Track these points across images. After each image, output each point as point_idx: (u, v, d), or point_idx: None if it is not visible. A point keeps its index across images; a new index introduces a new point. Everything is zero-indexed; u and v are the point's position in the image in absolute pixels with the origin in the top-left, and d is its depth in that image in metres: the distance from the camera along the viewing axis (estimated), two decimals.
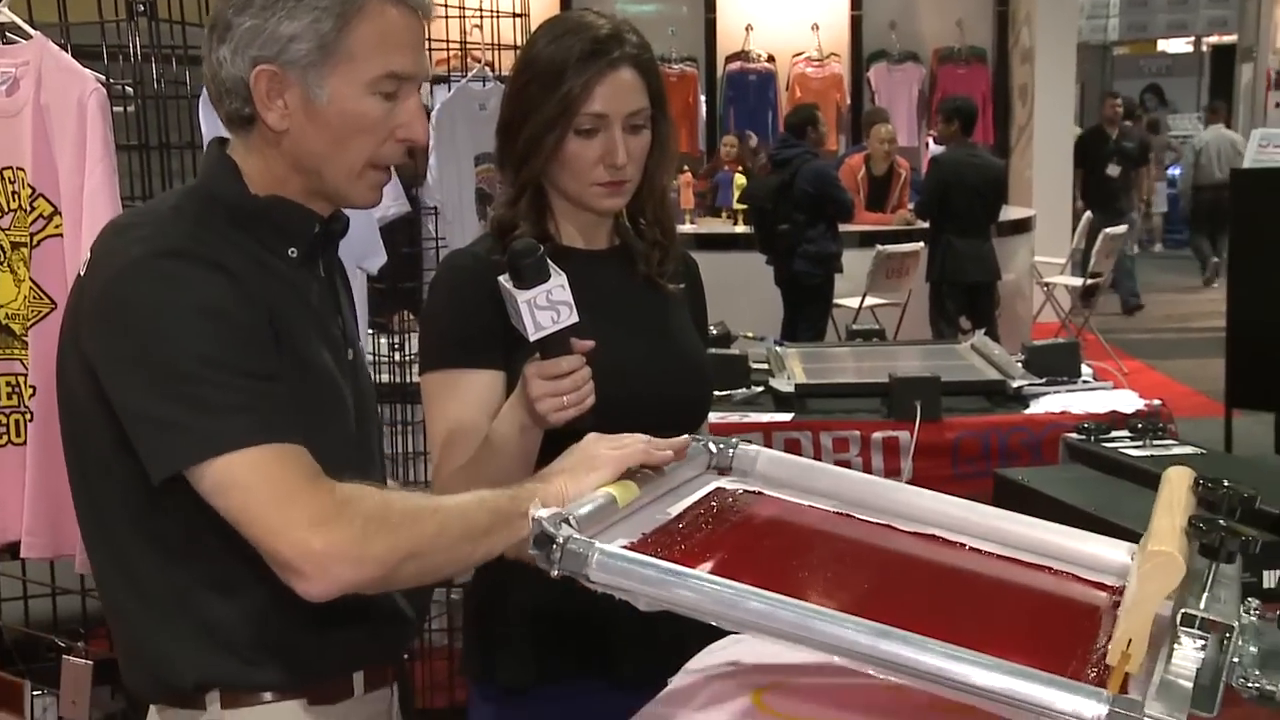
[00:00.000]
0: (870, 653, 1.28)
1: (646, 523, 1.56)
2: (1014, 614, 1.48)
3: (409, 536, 1.43)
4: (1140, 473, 2.54)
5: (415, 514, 1.44)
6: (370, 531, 1.40)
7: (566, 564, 1.38)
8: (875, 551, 1.61)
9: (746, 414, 3.94)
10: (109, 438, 1.46)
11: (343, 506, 1.41)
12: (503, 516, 1.48)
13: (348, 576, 1.40)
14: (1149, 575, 1.30)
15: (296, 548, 1.38)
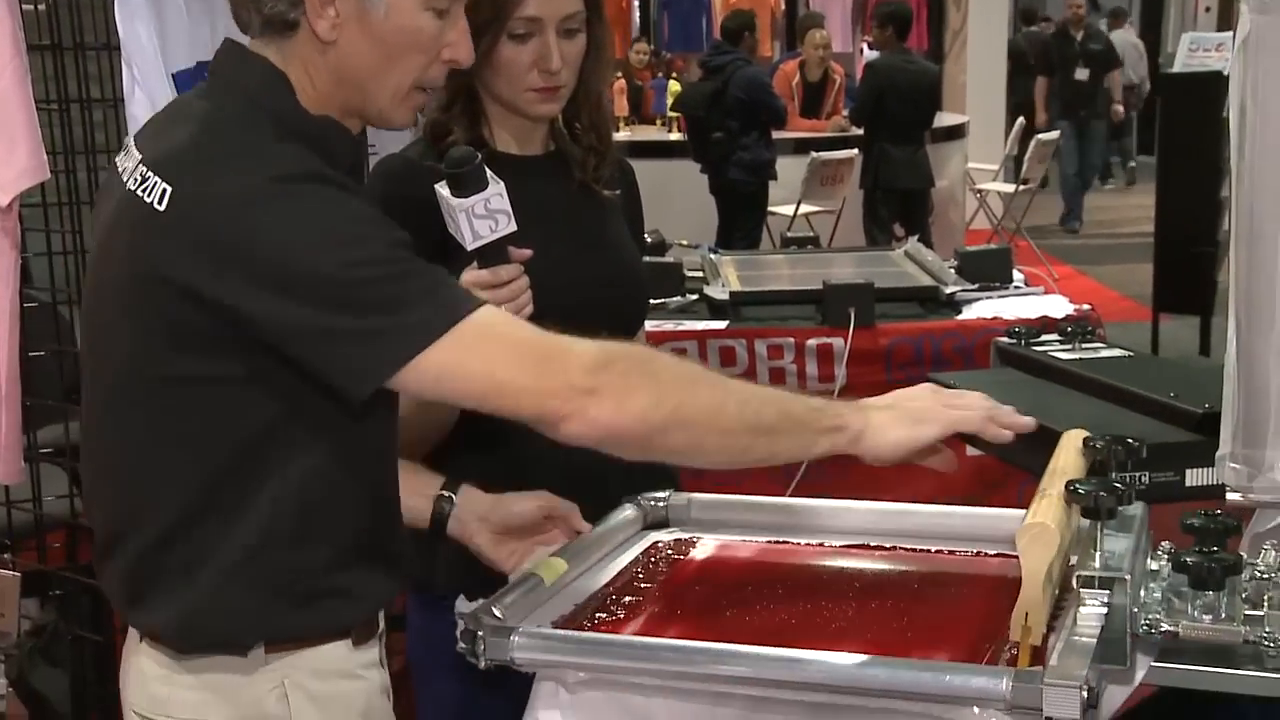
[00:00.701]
0: (783, 678, 1.33)
1: (579, 594, 1.59)
2: (942, 607, 1.52)
3: (679, 394, 1.38)
4: (1069, 375, 2.59)
5: (689, 377, 1.39)
6: (635, 380, 1.37)
7: (491, 654, 1.41)
8: (807, 573, 1.65)
9: (681, 322, 3.95)
10: (212, 379, 1.40)
11: (605, 351, 1.38)
12: (793, 420, 1.42)
13: (607, 420, 1.36)
14: (1028, 549, 1.34)
15: (562, 390, 1.35)
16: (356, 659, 1.53)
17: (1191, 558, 1.40)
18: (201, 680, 1.48)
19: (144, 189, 1.42)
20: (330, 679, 1.50)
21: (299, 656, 1.49)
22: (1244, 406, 1.70)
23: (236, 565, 1.45)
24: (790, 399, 1.43)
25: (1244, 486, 1.69)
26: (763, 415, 1.40)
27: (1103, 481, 1.46)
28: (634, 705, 1.42)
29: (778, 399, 1.42)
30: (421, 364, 1.37)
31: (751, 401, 1.40)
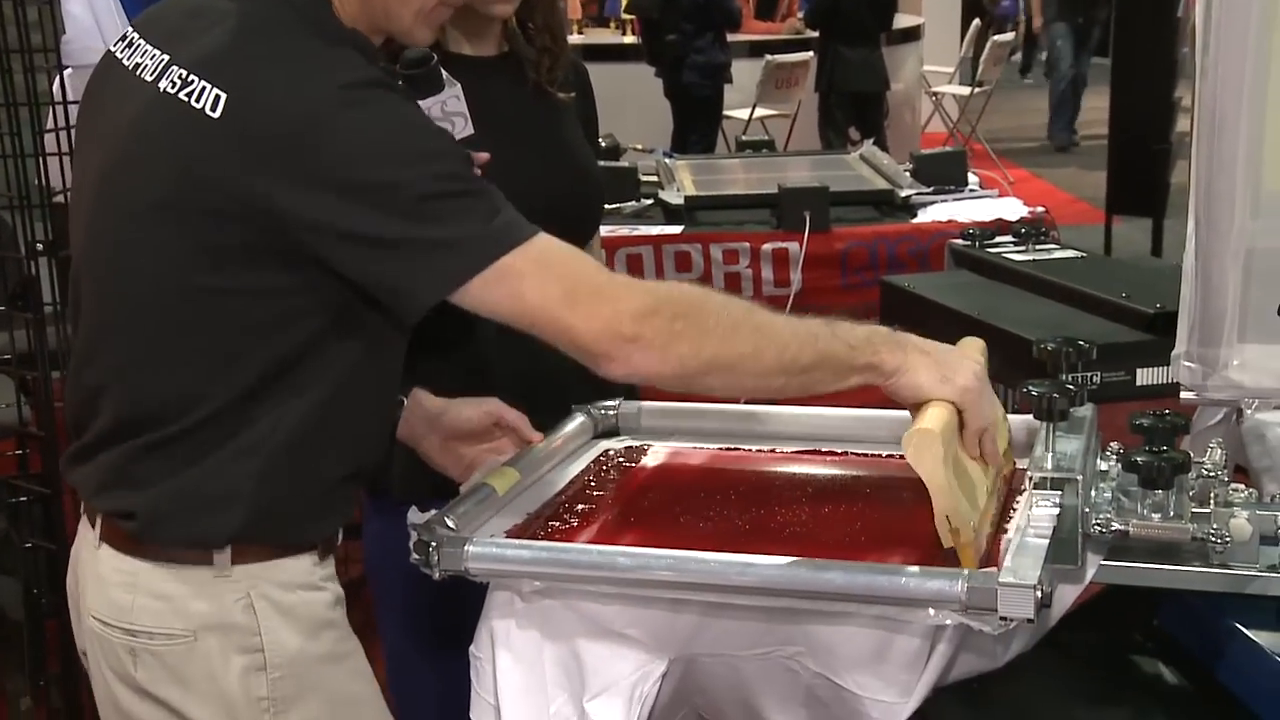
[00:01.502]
0: (740, 583, 1.34)
1: (532, 503, 1.58)
2: (895, 511, 1.52)
3: (719, 347, 1.39)
4: (1022, 277, 2.60)
5: (733, 326, 1.40)
6: (679, 330, 1.37)
7: (445, 565, 1.41)
8: (760, 479, 1.65)
9: (636, 227, 3.93)
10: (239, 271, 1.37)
11: (649, 296, 1.39)
12: (830, 361, 1.43)
13: (648, 367, 1.39)
14: (917, 458, 1.36)
15: (606, 333, 1.36)
16: (320, 571, 1.53)
17: (1141, 457, 1.42)
18: (166, 589, 1.47)
19: (188, 93, 1.37)
20: (295, 590, 1.50)
21: (266, 568, 1.48)
22: (1201, 306, 1.70)
23: (234, 466, 1.44)
24: (830, 338, 1.43)
25: (1198, 385, 1.70)
26: (800, 358, 1.42)
27: (1054, 384, 1.47)
28: (590, 614, 1.43)
29: (817, 340, 1.43)
30: (480, 282, 1.37)
31: (791, 346, 1.42)
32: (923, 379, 1.44)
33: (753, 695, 1.47)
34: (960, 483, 1.40)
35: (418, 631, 2.02)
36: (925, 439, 1.36)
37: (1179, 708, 1.44)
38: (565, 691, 1.45)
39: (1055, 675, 1.48)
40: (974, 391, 1.44)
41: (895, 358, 1.44)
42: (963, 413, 1.44)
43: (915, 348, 1.46)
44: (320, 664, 1.50)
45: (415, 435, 1.76)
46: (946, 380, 1.44)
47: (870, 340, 1.44)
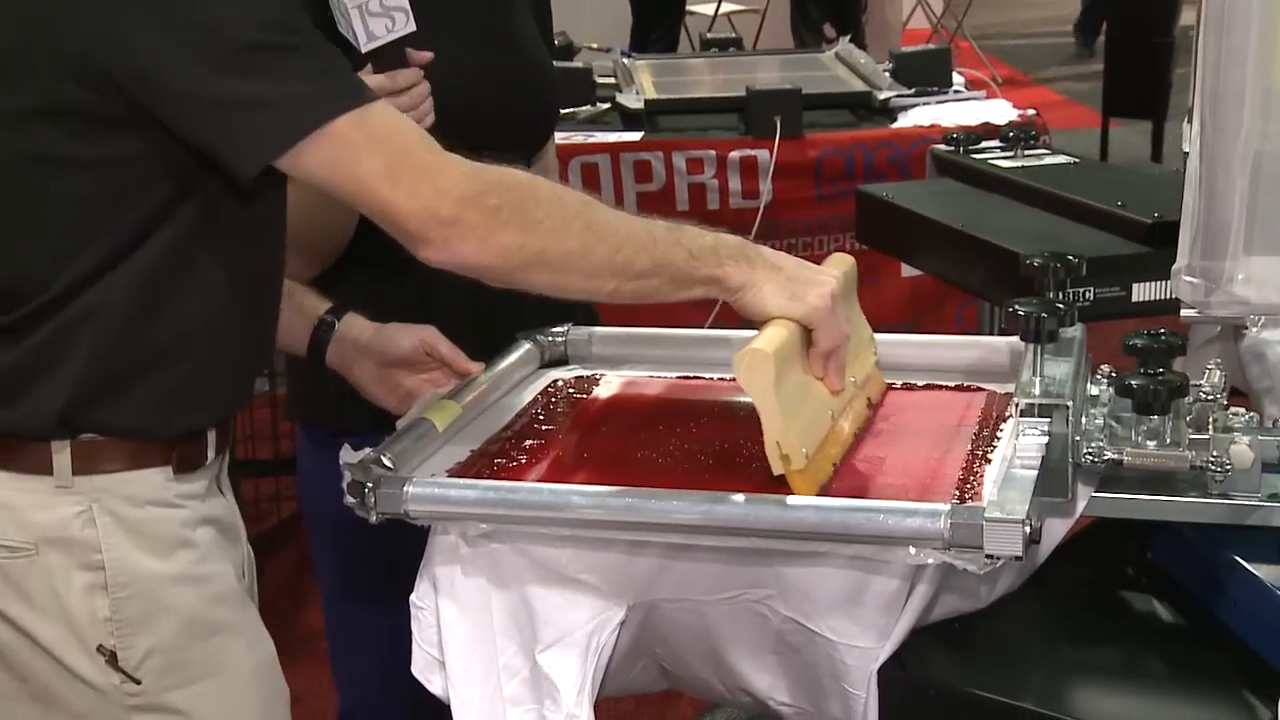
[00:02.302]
0: (704, 522, 1.34)
1: (475, 438, 1.57)
2: (867, 444, 1.52)
3: (546, 241, 1.40)
4: (1009, 185, 2.60)
5: (563, 220, 1.41)
6: (505, 218, 1.38)
7: (383, 507, 1.41)
8: (722, 410, 1.64)
9: (592, 134, 3.90)
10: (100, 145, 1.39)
11: (476, 179, 1.40)
12: (667, 269, 1.44)
13: (466, 255, 1.40)
14: (747, 379, 1.37)
15: (425, 213, 1.37)
16: (177, 488, 1.51)
17: (1135, 380, 1.42)
18: (7, 497, 1.47)
19: None
20: (144, 506, 1.49)
21: (111, 480, 1.48)
22: (1204, 215, 1.69)
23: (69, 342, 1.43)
24: (671, 245, 1.44)
25: (1200, 302, 1.70)
26: (634, 262, 1.43)
27: (1042, 302, 1.47)
28: (541, 558, 1.43)
29: (655, 245, 1.44)
30: (311, 147, 1.37)
31: (625, 248, 1.43)
32: (769, 296, 1.45)
33: (718, 643, 1.47)
34: (802, 406, 1.41)
35: (355, 578, 2.02)
36: (756, 360, 1.36)
37: (1174, 646, 1.45)
38: (515, 643, 1.45)
39: (1043, 614, 1.50)
40: (823, 310, 1.46)
41: (741, 272, 1.45)
42: (812, 333, 1.46)
43: (765, 262, 1.47)
44: (173, 586, 1.50)
45: (346, 361, 1.75)
46: (795, 298, 1.45)
47: (716, 251, 1.46)
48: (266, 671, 1.58)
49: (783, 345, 1.40)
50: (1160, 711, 1.37)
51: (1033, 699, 1.35)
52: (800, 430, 1.39)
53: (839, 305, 1.48)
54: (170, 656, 1.50)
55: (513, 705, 1.45)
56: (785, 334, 1.42)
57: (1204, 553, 1.44)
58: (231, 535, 1.60)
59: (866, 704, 1.39)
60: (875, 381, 1.64)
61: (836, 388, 1.50)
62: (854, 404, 1.56)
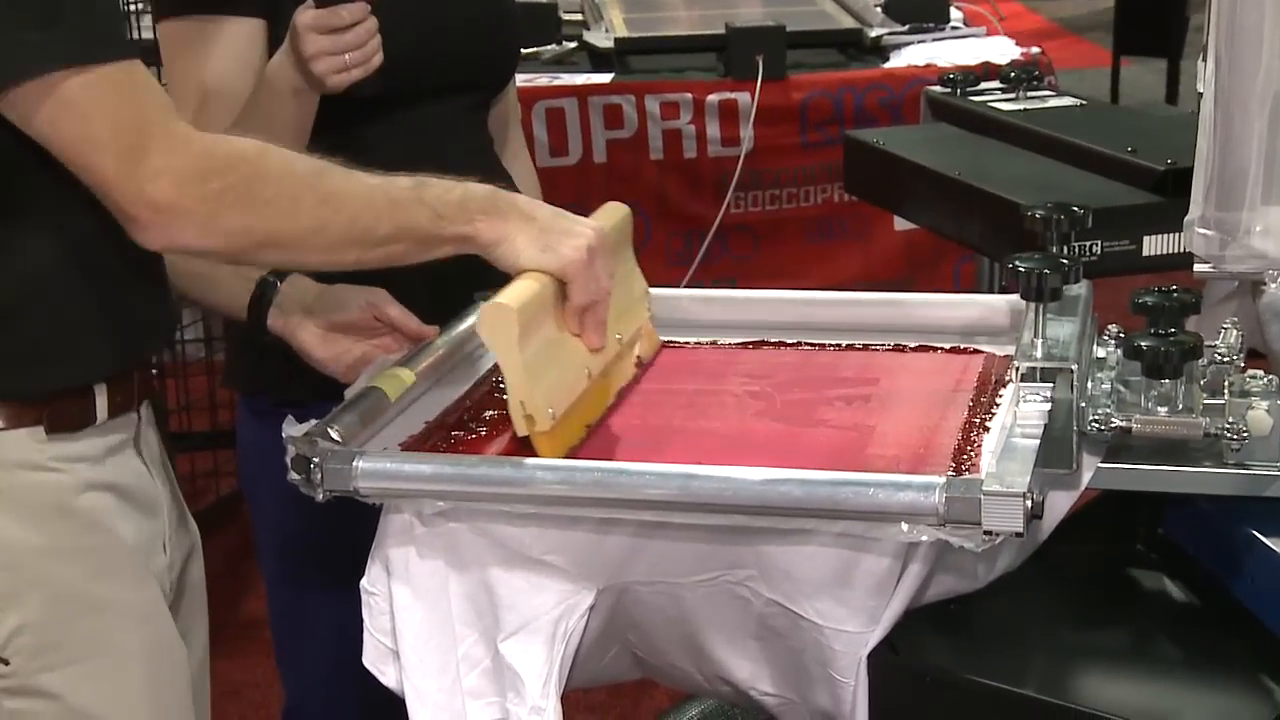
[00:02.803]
0: (681, 498, 1.34)
1: (430, 409, 1.57)
2: (857, 413, 1.53)
3: (276, 221, 1.42)
4: (1010, 129, 2.59)
5: (293, 197, 1.43)
6: (229, 201, 1.39)
7: (330, 484, 1.41)
8: (699, 377, 1.65)
9: (557, 75, 3.89)
10: None
11: (204, 158, 1.40)
12: (412, 233, 1.47)
13: (186, 240, 1.41)
14: (491, 336, 1.39)
15: (138, 193, 1.37)
16: (51, 450, 1.51)
17: (1145, 342, 1.43)
18: None
19: None
20: (13, 470, 1.48)
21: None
22: (1219, 161, 1.70)
23: None
24: (413, 206, 1.47)
25: (1215, 255, 1.71)
26: (375, 230, 1.46)
27: (1045, 256, 1.47)
28: (503, 538, 1.43)
29: (396, 209, 1.47)
30: (20, 96, 1.37)
31: (362, 216, 1.46)
32: (521, 249, 1.48)
33: (696, 629, 1.48)
34: (551, 364, 1.44)
35: (300, 561, 2.02)
36: (498, 315, 1.38)
37: (1187, 628, 1.46)
38: (475, 630, 1.46)
39: (1046, 595, 1.51)
40: (578, 264, 1.48)
41: (493, 227, 1.48)
42: (567, 287, 1.48)
43: (519, 213, 1.50)
44: (46, 558, 1.49)
45: (289, 325, 1.75)
46: (548, 249, 1.48)
47: (464, 206, 1.48)
48: (160, 654, 1.57)
49: (530, 300, 1.42)
50: (1172, 699, 1.38)
51: (1035, 686, 1.36)
52: (547, 390, 1.42)
53: (597, 258, 1.49)
54: (42, 635, 1.49)
55: (473, 698, 1.46)
56: (536, 287, 1.44)
57: (1220, 527, 1.45)
58: (144, 505, 1.59)
59: (856, 693, 1.40)
60: (648, 339, 1.68)
61: (595, 345, 1.53)
62: (620, 362, 1.59)
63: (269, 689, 2.73)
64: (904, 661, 1.40)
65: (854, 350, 1.69)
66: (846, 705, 1.41)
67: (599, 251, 1.50)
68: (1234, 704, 1.34)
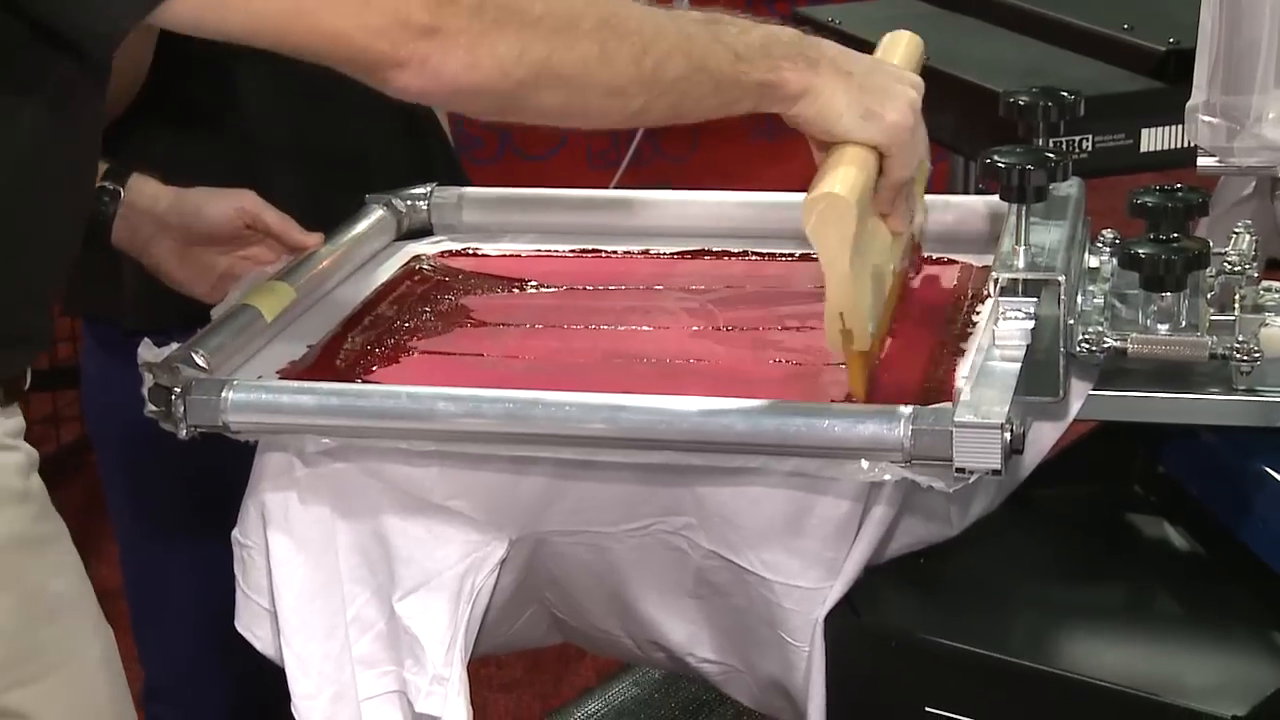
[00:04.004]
0: (606, 432, 1.34)
1: (314, 329, 1.57)
2: (808, 334, 1.54)
3: (553, 44, 1.36)
4: (989, 4, 2.60)
5: (570, 16, 1.36)
6: (495, 19, 1.33)
7: (195, 418, 1.40)
8: (619, 298, 1.65)
9: None
10: None
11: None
12: (709, 73, 1.40)
13: (454, 74, 1.34)
14: (820, 232, 1.35)
15: (388, 24, 1.32)
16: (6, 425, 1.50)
17: (1144, 249, 1.44)
18: None
19: None
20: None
21: None
22: (1226, 39, 1.70)
23: None
24: (711, 44, 1.41)
25: (1221, 147, 1.71)
26: (667, 68, 1.39)
27: (1028, 151, 1.48)
28: (400, 480, 1.44)
29: (692, 44, 1.40)
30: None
31: (654, 48, 1.39)
32: (839, 111, 1.44)
33: (623, 585, 1.50)
34: (867, 265, 1.41)
35: (159, 512, 2.03)
36: (835, 209, 1.35)
37: (1190, 579, 1.49)
38: (368, 589, 1.47)
39: (1028, 544, 1.53)
40: (906, 132, 1.45)
41: (802, 77, 1.43)
42: (885, 160, 1.45)
43: (831, 64, 1.45)
44: (12, 550, 1.48)
45: (140, 239, 1.74)
46: (871, 116, 1.44)
47: (768, 49, 1.43)
48: (113, 661, 1.57)
49: (864, 190, 1.38)
50: (1173, 661, 1.40)
51: (1016, 649, 1.37)
52: (869, 301, 1.39)
53: (920, 124, 1.47)
54: (14, 643, 1.44)
55: (364, 667, 1.47)
56: (864, 177, 1.40)
57: (1227, 463, 1.47)
58: None
59: (810, 658, 1.41)
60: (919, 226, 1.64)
61: (901, 230, 1.51)
62: (903, 258, 1.56)
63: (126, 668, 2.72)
64: (866, 622, 1.41)
65: (808, 261, 1.70)
66: (799, 673, 1.43)
67: (919, 114, 1.46)
68: (1243, 665, 1.36)
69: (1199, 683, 1.33)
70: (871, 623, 1.41)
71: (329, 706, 1.47)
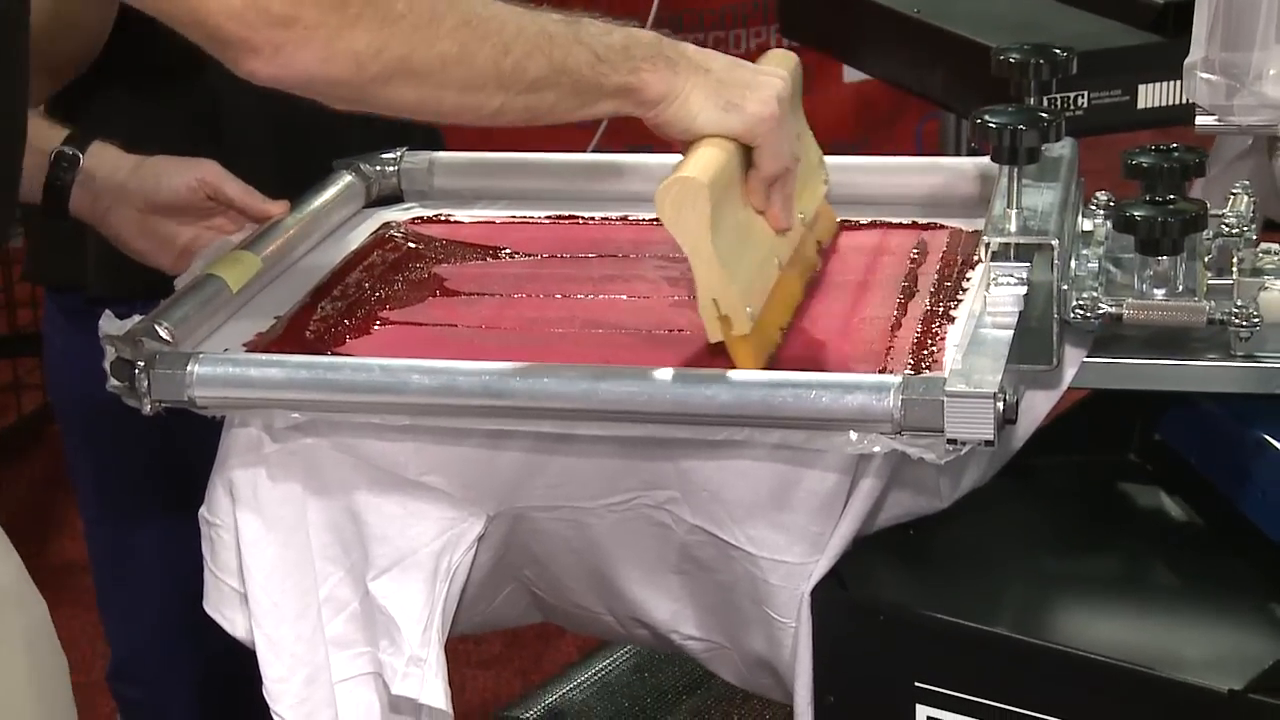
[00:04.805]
0: (586, 404, 1.35)
1: (282, 300, 1.56)
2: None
3: (411, 41, 1.37)
4: None
5: (430, 14, 1.38)
6: (355, 14, 1.35)
7: (160, 393, 1.40)
8: (597, 266, 1.65)
9: None
10: None
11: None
12: (568, 76, 1.42)
13: (307, 64, 1.36)
14: (675, 218, 1.37)
15: (247, 11, 1.33)
16: None
17: (1139, 211, 1.44)
18: None
19: None
20: None
21: None
22: None
23: None
24: (571, 45, 1.43)
25: (1221, 105, 1.72)
26: (526, 69, 1.42)
27: (1020, 110, 1.48)
28: (373, 456, 1.44)
29: (553, 44, 1.42)
30: None
31: (514, 49, 1.41)
32: (698, 107, 1.45)
33: (605, 562, 1.50)
34: (743, 253, 1.43)
35: (124, 488, 2.03)
36: (688, 191, 1.36)
37: (1187, 548, 1.50)
38: (340, 568, 1.47)
39: (1021, 515, 1.54)
40: (770, 122, 1.46)
41: (662, 79, 1.45)
42: (753, 151, 1.46)
43: (690, 63, 1.46)
44: None
45: (99, 208, 1.74)
46: (731, 107, 1.45)
47: (628, 51, 1.44)
48: (41, 638, 1.57)
49: (720, 172, 1.40)
50: (1169, 635, 1.40)
51: (1008, 623, 1.38)
52: (744, 284, 1.41)
53: (787, 115, 1.48)
54: None
55: (338, 648, 1.47)
56: (722, 156, 1.42)
57: (1225, 431, 1.48)
58: None
59: (797, 634, 1.42)
60: (826, 219, 1.66)
61: (783, 225, 1.52)
62: (802, 249, 1.57)
63: (89, 648, 2.73)
64: (853, 596, 1.42)
65: None
66: (786, 649, 1.44)
67: (787, 106, 1.47)
68: (1240, 638, 1.37)
69: (1196, 656, 1.33)
70: (859, 596, 1.42)
71: (302, 689, 1.47)
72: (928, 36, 2.33)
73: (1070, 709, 1.32)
